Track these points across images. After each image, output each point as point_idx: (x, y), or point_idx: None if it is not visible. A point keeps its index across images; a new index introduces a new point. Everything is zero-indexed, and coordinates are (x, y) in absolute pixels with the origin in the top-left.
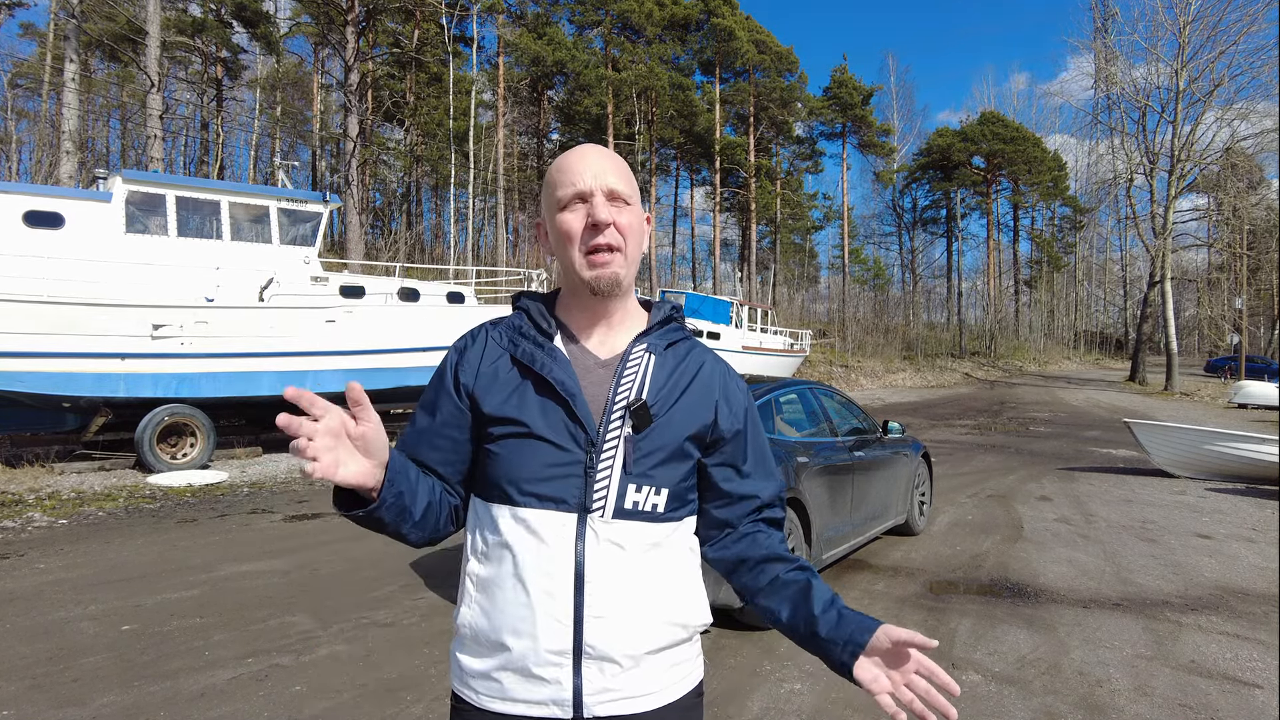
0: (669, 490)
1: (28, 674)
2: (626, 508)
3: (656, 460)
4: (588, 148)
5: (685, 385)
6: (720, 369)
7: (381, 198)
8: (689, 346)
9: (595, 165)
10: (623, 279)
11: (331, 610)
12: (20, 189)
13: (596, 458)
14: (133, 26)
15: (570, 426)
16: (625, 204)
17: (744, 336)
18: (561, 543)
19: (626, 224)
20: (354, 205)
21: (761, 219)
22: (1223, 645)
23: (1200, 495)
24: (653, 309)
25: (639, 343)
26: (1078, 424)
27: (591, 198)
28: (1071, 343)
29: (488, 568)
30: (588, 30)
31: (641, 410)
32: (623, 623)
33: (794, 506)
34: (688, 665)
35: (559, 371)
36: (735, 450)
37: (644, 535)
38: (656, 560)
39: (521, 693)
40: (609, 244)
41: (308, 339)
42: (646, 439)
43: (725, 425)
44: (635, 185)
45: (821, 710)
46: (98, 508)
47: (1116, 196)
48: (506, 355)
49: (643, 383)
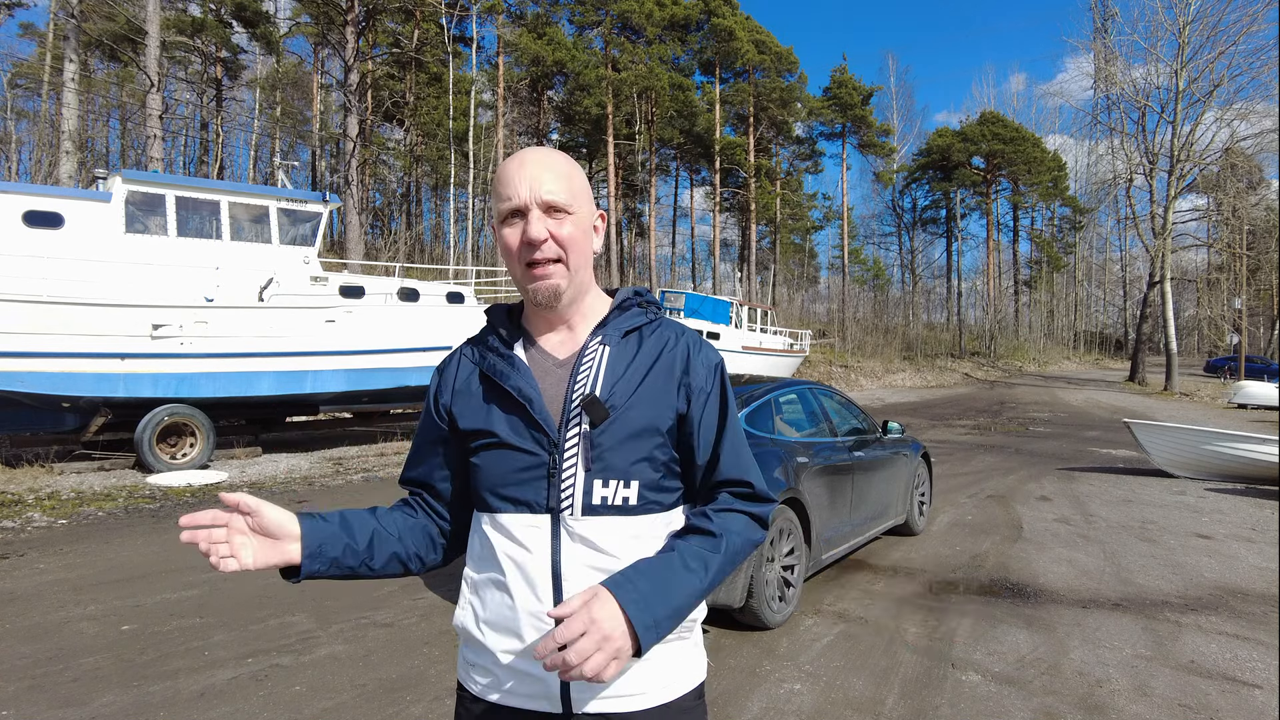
0: (639, 482)
1: (27, 674)
2: (595, 504)
3: (620, 454)
4: (527, 154)
5: (645, 371)
6: (684, 347)
7: (381, 198)
8: (652, 329)
9: (532, 176)
10: (563, 290)
11: (331, 610)
12: (20, 189)
13: (560, 458)
14: (132, 26)
15: (532, 431)
16: (565, 214)
17: (744, 336)
18: (537, 544)
19: (567, 235)
20: (354, 205)
21: (761, 219)
22: (1222, 645)
23: (1200, 495)
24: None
25: (594, 336)
26: (1077, 424)
27: (527, 213)
28: (1071, 343)
29: (479, 573)
30: (588, 30)
31: (594, 404)
32: None
33: (794, 506)
34: (684, 666)
35: (516, 378)
36: (695, 429)
37: (619, 530)
38: (637, 555)
39: (514, 686)
40: (546, 258)
41: (307, 339)
42: (605, 433)
43: (693, 405)
44: (580, 187)
45: (821, 710)
46: (97, 508)
47: (1116, 197)
48: (477, 370)
49: (596, 376)
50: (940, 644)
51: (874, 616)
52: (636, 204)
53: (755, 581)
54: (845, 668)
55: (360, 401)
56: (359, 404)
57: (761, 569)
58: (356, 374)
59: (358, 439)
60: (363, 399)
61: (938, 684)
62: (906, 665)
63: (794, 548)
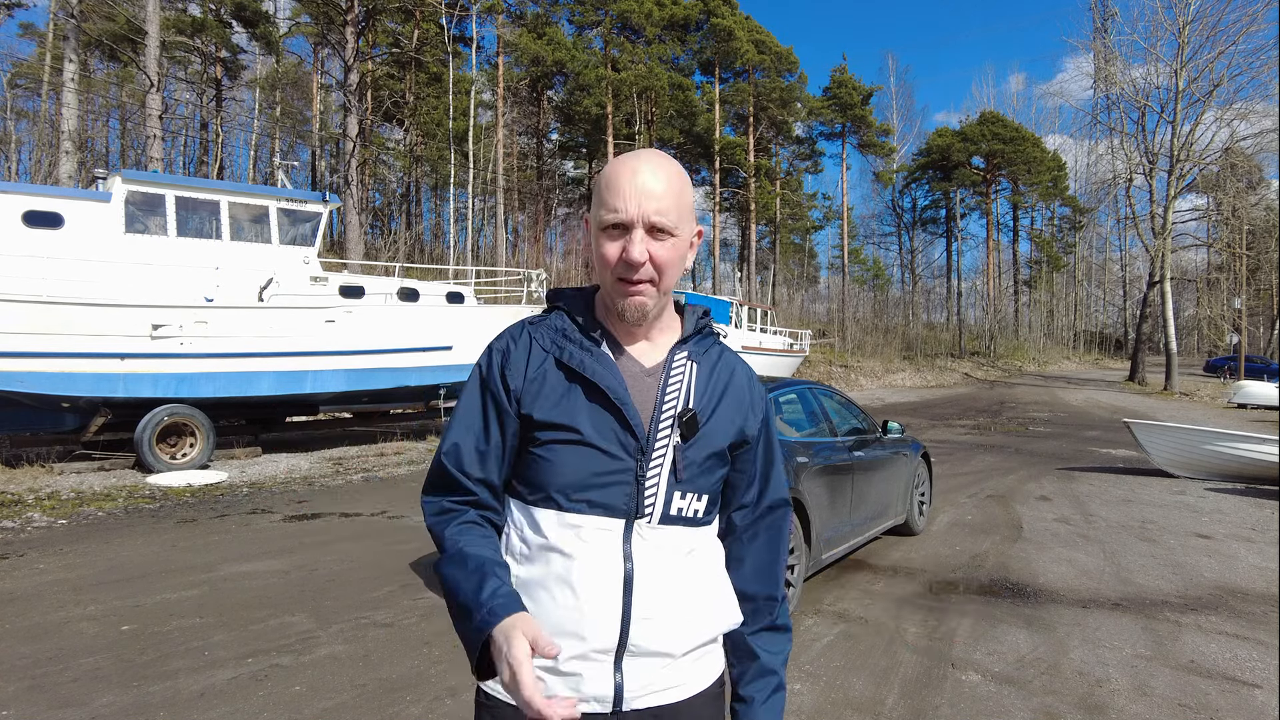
0: (709, 495)
1: (27, 674)
2: (672, 514)
3: (701, 468)
4: (640, 164)
5: (721, 393)
6: (748, 375)
7: (381, 198)
8: (719, 352)
9: (642, 191)
10: (650, 309)
11: (331, 610)
12: (20, 189)
13: (646, 465)
14: (132, 26)
15: (620, 434)
16: (669, 235)
17: (744, 336)
18: (610, 547)
19: (664, 258)
20: (353, 205)
21: (761, 219)
22: (1222, 645)
23: (1200, 495)
24: (684, 314)
25: (679, 350)
26: (1077, 424)
27: (631, 230)
28: (1071, 343)
29: (529, 569)
30: (587, 30)
31: (691, 419)
32: (667, 623)
33: (793, 506)
34: (713, 657)
35: (610, 379)
36: (753, 454)
37: (685, 540)
38: (695, 563)
39: (561, 689)
40: (641, 279)
41: (307, 339)
42: (693, 447)
43: (750, 431)
44: (687, 205)
45: (821, 710)
46: (97, 508)
47: (1116, 196)
48: (551, 358)
49: (688, 391)
50: (940, 644)
51: (874, 616)
52: None
53: None
54: (845, 668)
55: (360, 401)
56: (359, 404)
57: None
58: (356, 374)
59: (358, 439)
60: (363, 399)
61: (938, 684)
62: (906, 665)
63: (794, 548)
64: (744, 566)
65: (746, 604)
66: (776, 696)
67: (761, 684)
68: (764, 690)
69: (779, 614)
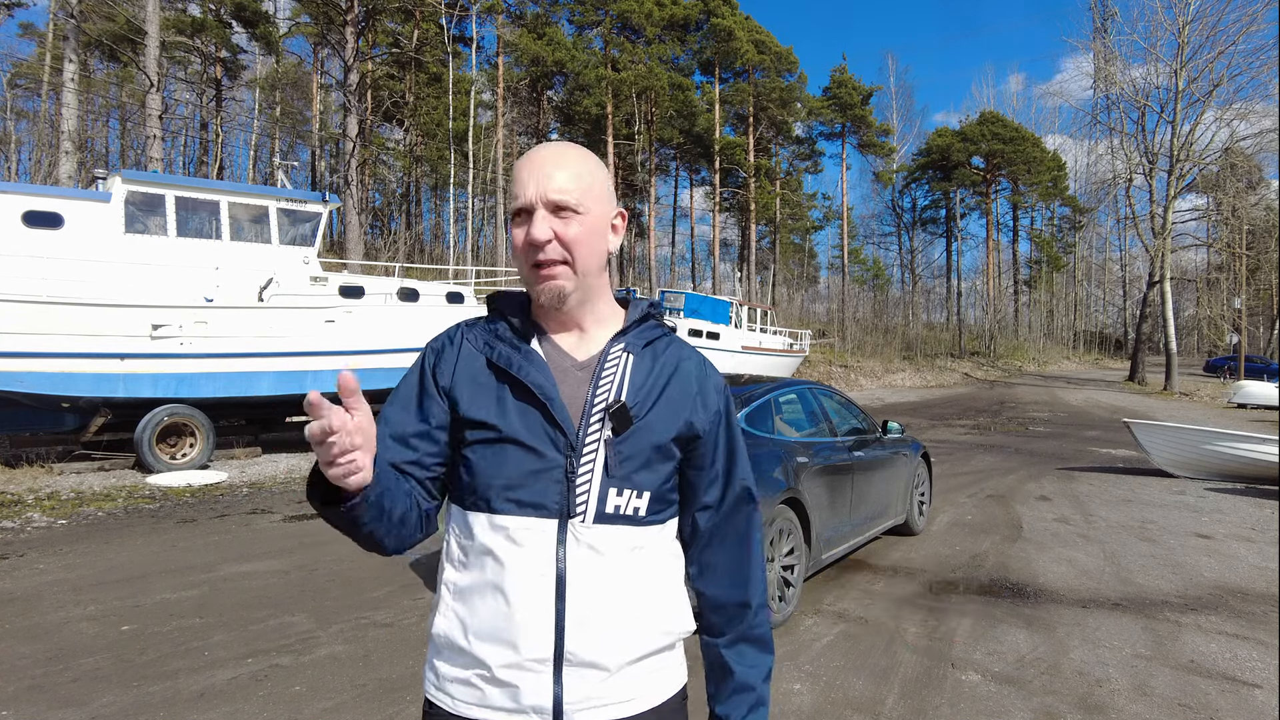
0: (650, 493)
1: (27, 674)
2: (608, 512)
3: (638, 463)
4: (540, 151)
5: (664, 384)
6: (697, 365)
7: (381, 198)
8: (666, 343)
9: (541, 174)
10: (568, 291)
11: (331, 610)
12: (20, 189)
13: (577, 462)
14: (132, 26)
15: (549, 431)
16: (574, 213)
17: (743, 336)
18: (542, 549)
19: (573, 236)
20: (353, 205)
21: (761, 219)
22: (1222, 645)
23: (1200, 495)
24: (630, 306)
25: (616, 342)
26: (1077, 424)
27: (533, 212)
28: (1071, 343)
29: (466, 575)
30: (587, 30)
31: (621, 412)
32: (605, 629)
33: (793, 506)
34: (670, 670)
35: (536, 374)
36: (709, 450)
37: (625, 539)
38: (638, 564)
39: (500, 700)
40: (550, 259)
41: (307, 339)
42: (627, 441)
43: (701, 425)
44: (594, 185)
45: (821, 710)
46: (97, 508)
47: (1116, 196)
48: (483, 358)
49: (621, 384)
50: (940, 644)
51: (874, 616)
52: (636, 204)
53: None
54: (845, 667)
55: None
56: None
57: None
58: (356, 374)
59: None
60: None
61: (938, 684)
62: (906, 665)
63: (794, 548)
64: (712, 572)
65: (718, 613)
66: (755, 715)
67: (738, 701)
68: (740, 708)
69: (755, 623)
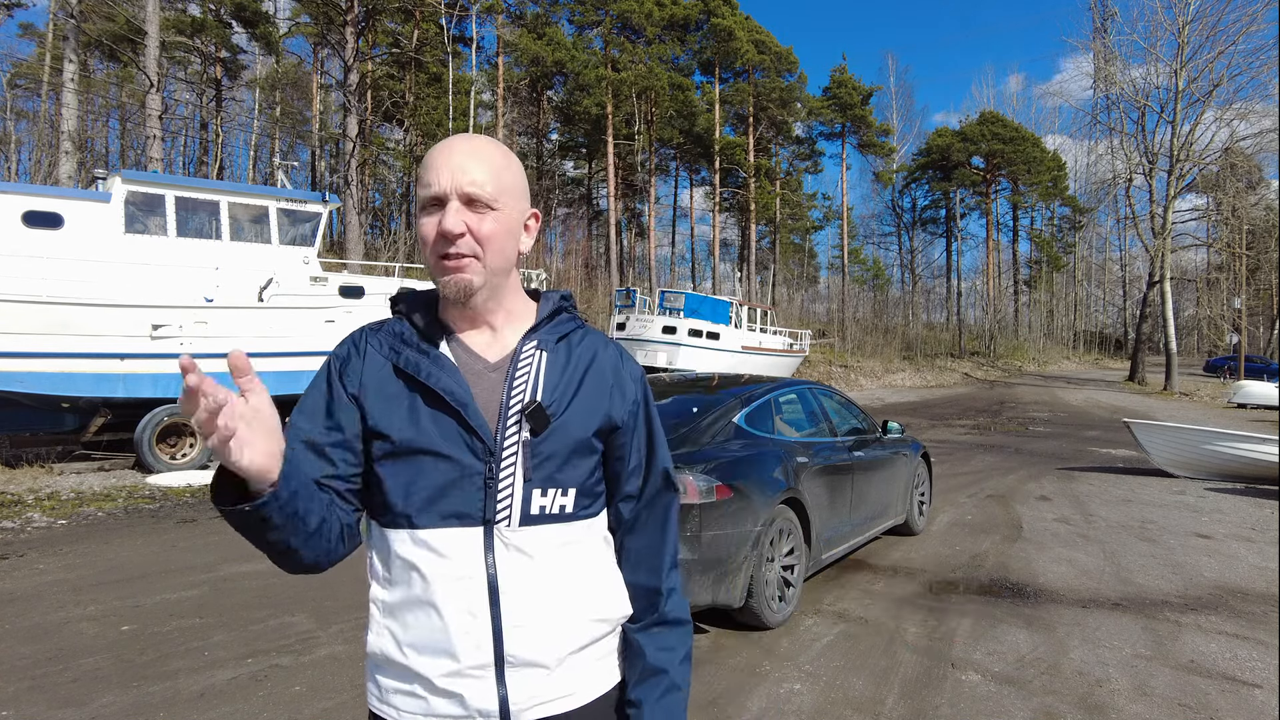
0: (576, 489)
1: (27, 674)
2: (533, 514)
3: (559, 461)
4: (455, 141)
5: (579, 379)
6: (613, 356)
7: (381, 198)
8: (580, 336)
9: (456, 165)
10: (475, 287)
11: (331, 610)
12: (19, 189)
13: (497, 467)
14: (132, 26)
15: (465, 438)
16: (488, 209)
17: (743, 336)
18: (470, 559)
19: (486, 232)
20: (353, 205)
21: (761, 219)
22: (1222, 645)
23: (1199, 495)
24: (540, 301)
25: (528, 340)
26: (1077, 424)
27: (445, 203)
28: (1071, 343)
29: (394, 593)
30: (587, 30)
31: (537, 412)
32: (542, 628)
33: (793, 506)
34: (605, 667)
35: (447, 380)
36: (628, 441)
37: (554, 537)
38: (569, 559)
39: (446, 709)
40: (460, 253)
41: (307, 339)
42: (546, 441)
43: (619, 416)
44: (511, 182)
45: (821, 710)
46: (97, 508)
47: (1116, 196)
48: (389, 365)
49: (536, 382)
50: (940, 644)
51: (874, 616)
52: (636, 204)
53: (755, 581)
54: (845, 668)
55: None
56: None
57: (761, 569)
58: None
59: None
60: None
61: (938, 684)
62: (906, 665)
63: (794, 548)
64: (629, 558)
65: (635, 600)
66: (669, 698)
67: (651, 685)
68: (653, 692)
69: (668, 606)
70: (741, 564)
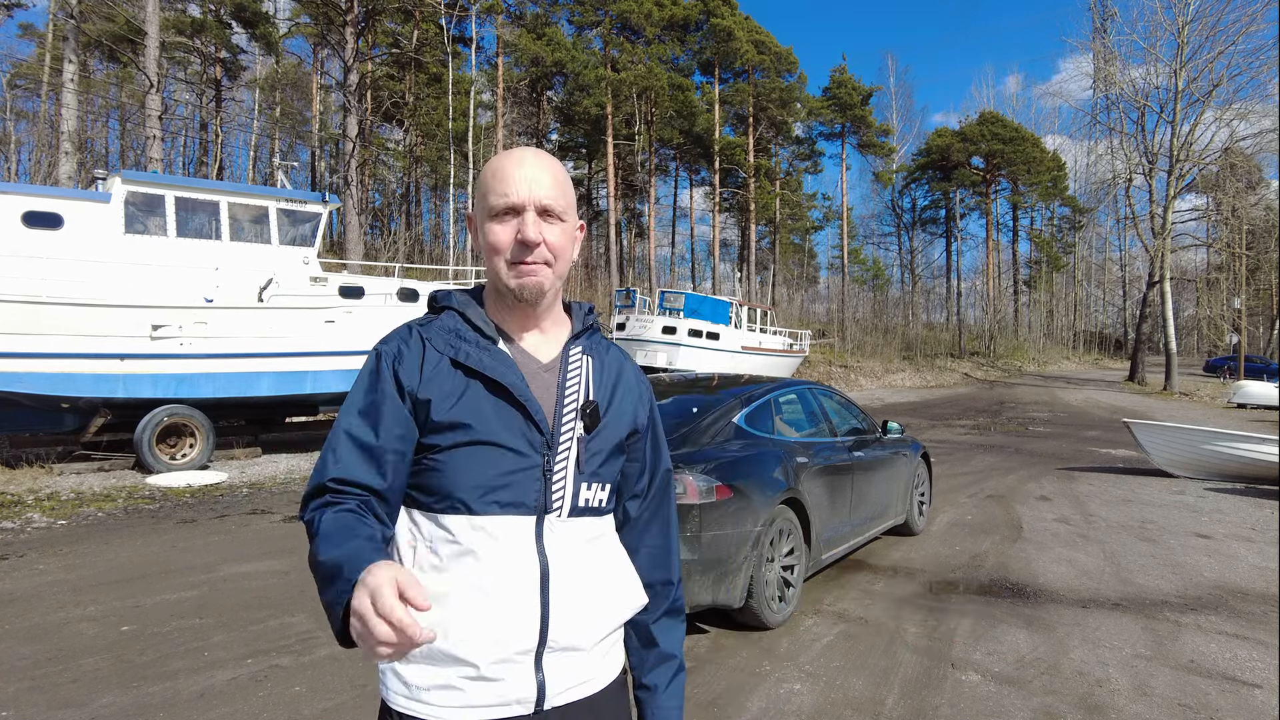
0: (610, 484)
1: (27, 675)
2: (580, 505)
3: (603, 458)
4: (525, 154)
5: (614, 385)
6: (634, 367)
7: (381, 198)
8: (607, 347)
9: (531, 177)
10: (547, 289)
11: None
12: (19, 189)
13: (553, 460)
14: (132, 27)
15: (526, 430)
16: (558, 220)
17: (743, 337)
18: (524, 546)
19: (556, 242)
20: (353, 205)
21: (761, 219)
22: (1222, 645)
23: (1199, 495)
24: (573, 312)
25: (574, 345)
26: (1077, 424)
27: (523, 213)
28: (1071, 343)
29: (443, 580)
30: (587, 30)
31: (593, 410)
32: (583, 614)
33: (793, 506)
34: (618, 648)
35: (511, 375)
36: (644, 444)
37: (591, 529)
38: (600, 550)
39: (484, 697)
40: (538, 260)
41: (307, 339)
42: (596, 438)
43: (641, 421)
44: (570, 196)
45: (821, 710)
46: (97, 508)
47: (1116, 196)
48: (445, 359)
49: (587, 384)
50: (940, 644)
51: (874, 616)
52: (636, 204)
53: (755, 582)
54: (845, 668)
55: None
56: None
57: (761, 569)
58: (356, 375)
59: None
60: None
61: (937, 684)
62: (906, 665)
63: (794, 548)
64: (642, 555)
65: (651, 592)
66: (679, 679)
67: (664, 669)
68: (666, 675)
69: (676, 596)
70: (741, 564)
